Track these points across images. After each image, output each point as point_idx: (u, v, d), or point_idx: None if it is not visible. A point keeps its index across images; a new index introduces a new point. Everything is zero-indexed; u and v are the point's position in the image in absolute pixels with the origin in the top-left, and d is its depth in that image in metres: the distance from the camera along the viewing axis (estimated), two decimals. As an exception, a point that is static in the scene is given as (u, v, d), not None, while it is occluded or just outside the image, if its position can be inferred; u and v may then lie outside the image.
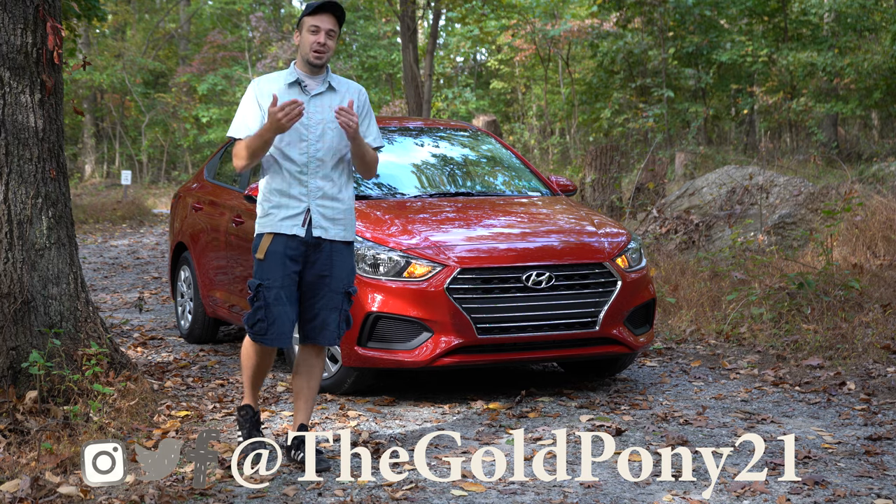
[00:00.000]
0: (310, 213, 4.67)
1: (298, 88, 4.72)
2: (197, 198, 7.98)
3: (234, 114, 4.85)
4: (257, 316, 4.69)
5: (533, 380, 6.73)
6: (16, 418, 5.01)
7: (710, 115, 24.82)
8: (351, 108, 4.58)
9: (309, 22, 4.66)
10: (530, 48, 27.81)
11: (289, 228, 4.66)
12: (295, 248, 4.67)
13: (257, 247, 4.73)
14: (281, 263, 4.66)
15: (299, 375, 4.87)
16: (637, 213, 12.75)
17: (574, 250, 6.14)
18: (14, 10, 5.37)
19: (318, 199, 4.69)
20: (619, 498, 4.31)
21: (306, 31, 4.67)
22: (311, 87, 4.74)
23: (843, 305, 7.71)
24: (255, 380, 4.95)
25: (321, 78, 4.76)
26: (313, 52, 4.66)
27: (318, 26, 4.64)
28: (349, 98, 4.75)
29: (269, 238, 4.68)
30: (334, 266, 4.73)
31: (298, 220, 4.67)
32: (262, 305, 4.67)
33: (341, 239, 4.75)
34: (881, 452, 4.90)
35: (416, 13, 23.64)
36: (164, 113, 33.00)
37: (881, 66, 20.78)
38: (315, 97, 4.72)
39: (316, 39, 4.65)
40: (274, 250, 4.66)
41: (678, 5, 21.98)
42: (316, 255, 4.71)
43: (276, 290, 4.66)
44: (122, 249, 15.93)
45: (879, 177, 12.63)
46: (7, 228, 5.35)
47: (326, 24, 4.65)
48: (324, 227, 4.70)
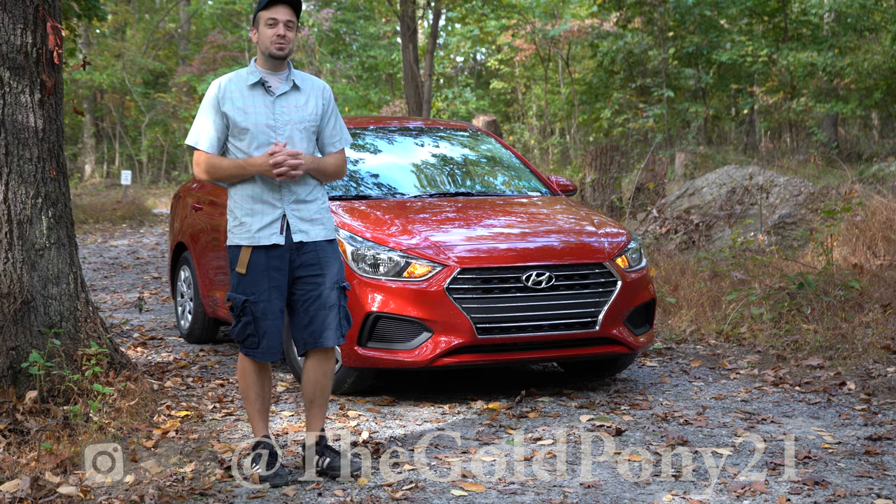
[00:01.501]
0: (286, 219, 4.52)
1: (262, 89, 4.55)
2: (197, 198, 7.98)
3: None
4: (247, 331, 4.54)
5: (533, 380, 6.73)
6: (16, 418, 5.01)
7: (710, 115, 24.82)
8: (283, 148, 4.45)
9: (265, 16, 4.52)
10: (530, 48, 27.81)
11: (267, 238, 4.50)
12: (278, 256, 4.52)
13: (236, 260, 4.55)
14: (265, 276, 4.50)
15: (310, 384, 4.64)
16: (637, 213, 12.75)
17: (574, 250, 6.14)
18: (14, 10, 5.37)
19: (292, 203, 4.53)
20: (619, 498, 4.31)
21: (263, 26, 4.53)
22: (275, 86, 4.57)
23: (843, 305, 7.71)
24: (259, 403, 4.67)
25: (284, 75, 4.60)
26: (275, 45, 4.50)
27: (275, 19, 4.51)
28: (313, 97, 4.62)
29: (249, 251, 4.50)
30: (323, 264, 4.57)
31: (276, 227, 4.51)
32: (250, 321, 4.52)
33: (324, 238, 4.60)
34: (881, 452, 4.90)
35: (416, 13, 23.65)
36: (164, 113, 33.00)
37: (881, 66, 20.79)
38: (280, 98, 4.56)
39: (275, 32, 4.50)
40: (256, 262, 4.50)
41: (678, 5, 21.99)
42: (301, 258, 4.55)
43: (263, 303, 4.51)
44: (122, 249, 15.93)
45: (879, 177, 12.63)
46: (7, 228, 5.35)
47: (283, 15, 4.52)
48: (304, 231, 4.55)
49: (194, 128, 4.60)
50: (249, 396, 4.67)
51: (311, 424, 4.68)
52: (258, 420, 4.67)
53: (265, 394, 4.67)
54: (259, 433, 4.66)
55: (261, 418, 4.67)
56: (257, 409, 4.67)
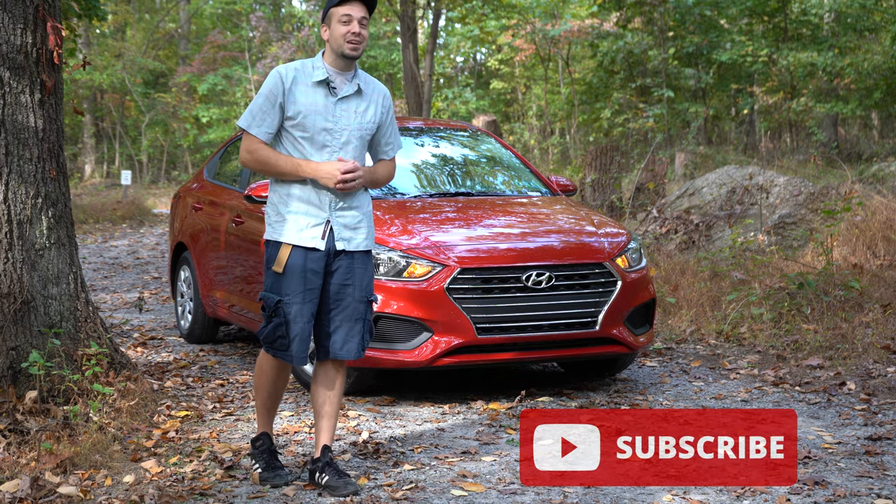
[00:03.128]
0: (330, 224, 4.39)
1: (326, 89, 4.38)
2: (197, 198, 7.98)
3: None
4: (278, 333, 4.38)
5: (533, 380, 6.74)
6: (16, 418, 5.01)
7: (710, 115, 24.82)
8: (351, 167, 4.33)
9: (340, 12, 4.33)
10: (530, 48, 27.81)
11: (309, 241, 4.36)
12: (316, 260, 4.38)
13: (273, 258, 4.40)
14: (301, 277, 4.36)
15: (320, 393, 4.51)
16: (637, 213, 12.75)
17: (574, 250, 6.15)
18: (14, 10, 5.37)
19: (338, 209, 4.40)
20: (619, 498, 4.31)
21: (337, 23, 4.33)
22: (340, 87, 4.41)
23: (843, 305, 7.71)
24: (270, 401, 4.61)
25: (350, 75, 4.43)
26: (349, 44, 4.32)
27: (350, 15, 4.32)
28: (374, 103, 4.49)
29: (288, 249, 4.36)
30: (355, 275, 4.44)
31: (318, 230, 4.37)
32: (282, 322, 4.37)
33: (364, 248, 4.48)
34: (881, 452, 4.90)
35: (416, 13, 23.65)
36: (164, 113, 32.99)
37: (881, 66, 20.78)
38: (342, 100, 4.41)
39: (349, 29, 4.32)
40: (294, 263, 4.35)
41: (678, 5, 21.98)
42: (337, 264, 4.42)
43: (297, 305, 4.36)
44: (122, 249, 15.93)
45: (879, 177, 12.63)
46: (7, 228, 5.35)
47: (358, 12, 4.33)
48: (346, 239, 4.42)
49: (250, 110, 4.41)
50: (261, 393, 4.61)
51: (318, 436, 4.53)
52: (264, 416, 4.63)
53: (278, 393, 4.62)
54: (262, 428, 4.64)
55: (268, 414, 4.63)
56: (267, 407, 4.62)
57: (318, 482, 4.44)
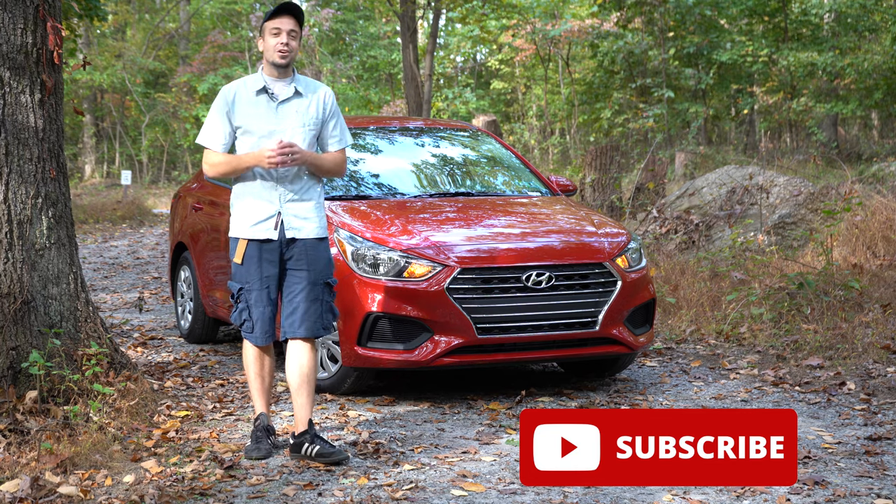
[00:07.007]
0: (281, 216, 4.85)
1: (266, 96, 4.88)
2: (197, 198, 7.98)
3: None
4: (243, 317, 4.93)
5: (533, 380, 6.74)
6: (16, 418, 5.01)
7: (710, 115, 24.82)
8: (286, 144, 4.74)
9: (270, 25, 4.84)
10: (530, 48, 27.80)
11: (262, 233, 4.85)
12: (270, 250, 4.86)
13: (234, 250, 4.92)
14: (258, 266, 4.87)
15: (291, 371, 4.91)
16: (637, 213, 12.75)
17: (574, 250, 6.15)
18: (14, 10, 5.37)
19: (288, 202, 4.86)
20: (619, 498, 4.31)
21: (269, 35, 4.86)
22: (278, 93, 4.89)
23: (843, 305, 7.71)
24: (258, 381, 5.02)
25: (287, 81, 4.92)
26: (278, 53, 4.82)
27: (279, 28, 4.83)
28: (315, 101, 4.92)
29: (245, 243, 4.87)
30: (310, 260, 4.88)
31: (270, 223, 4.84)
32: (244, 307, 4.91)
33: (315, 236, 4.90)
34: (881, 452, 4.91)
35: (416, 13, 23.64)
36: (164, 113, 32.98)
37: (881, 66, 20.79)
38: (282, 104, 4.88)
39: (279, 41, 4.82)
40: (250, 255, 4.87)
41: (678, 5, 21.98)
42: (290, 252, 4.88)
43: (256, 291, 4.88)
44: (122, 249, 15.93)
45: (879, 177, 12.62)
46: (7, 228, 5.35)
47: (287, 25, 4.83)
48: (296, 228, 4.87)
49: (204, 128, 4.96)
50: (250, 375, 5.04)
51: (300, 412, 4.88)
52: (257, 398, 5.03)
53: (264, 374, 5.02)
54: (258, 408, 5.03)
55: (261, 396, 5.03)
56: (257, 388, 5.03)
57: (308, 453, 4.75)
